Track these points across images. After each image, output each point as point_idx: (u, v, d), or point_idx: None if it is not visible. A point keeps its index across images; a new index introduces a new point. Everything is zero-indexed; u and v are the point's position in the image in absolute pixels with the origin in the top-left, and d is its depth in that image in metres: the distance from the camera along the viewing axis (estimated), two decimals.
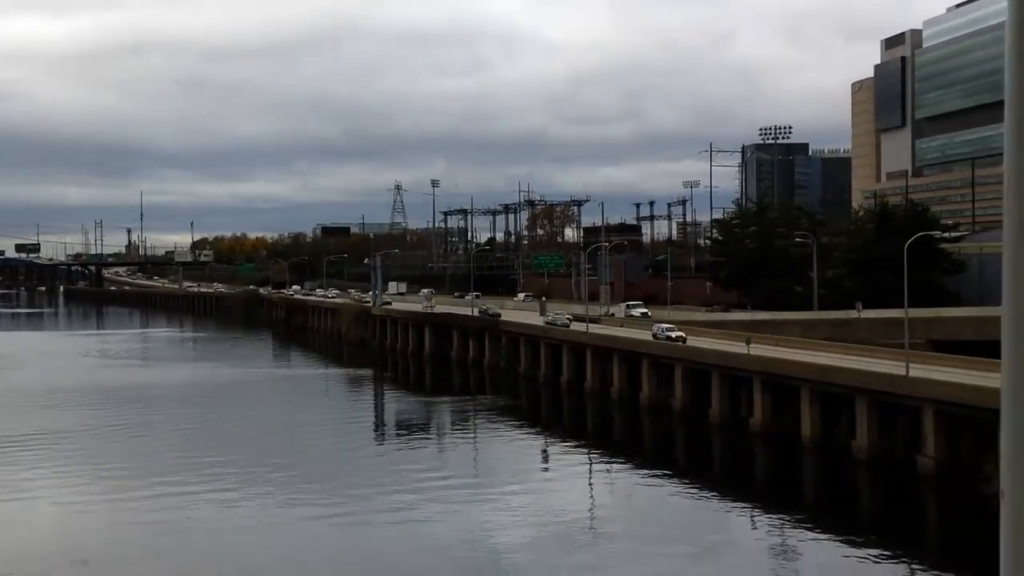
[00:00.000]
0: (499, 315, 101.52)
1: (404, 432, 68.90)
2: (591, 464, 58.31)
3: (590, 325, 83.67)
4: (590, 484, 53.37)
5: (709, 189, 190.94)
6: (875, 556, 37.86)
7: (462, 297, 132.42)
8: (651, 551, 38.18)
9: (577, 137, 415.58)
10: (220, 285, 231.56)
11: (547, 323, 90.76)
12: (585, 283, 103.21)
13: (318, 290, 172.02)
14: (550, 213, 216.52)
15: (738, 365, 63.07)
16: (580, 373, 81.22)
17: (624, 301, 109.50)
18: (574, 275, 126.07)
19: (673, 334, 73.02)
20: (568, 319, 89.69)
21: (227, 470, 51.96)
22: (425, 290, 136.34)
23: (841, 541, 40.18)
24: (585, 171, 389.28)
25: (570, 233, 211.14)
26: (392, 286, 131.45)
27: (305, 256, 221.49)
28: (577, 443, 64.12)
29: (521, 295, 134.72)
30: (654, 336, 74.77)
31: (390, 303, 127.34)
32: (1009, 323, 0.88)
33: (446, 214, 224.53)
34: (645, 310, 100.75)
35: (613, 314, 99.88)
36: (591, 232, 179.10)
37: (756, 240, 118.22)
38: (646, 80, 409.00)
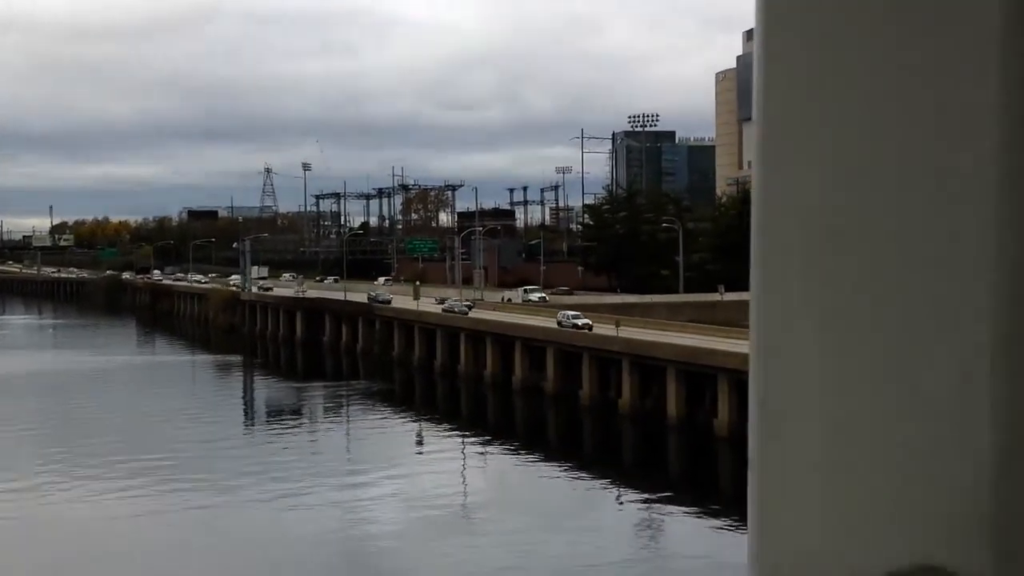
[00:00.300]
0: (390, 301, 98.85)
1: (274, 419, 67.96)
2: (464, 447, 58.85)
3: (474, 310, 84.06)
4: (463, 467, 53.90)
5: (581, 175, 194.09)
6: (734, 526, 39.62)
7: (322, 281, 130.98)
8: (521, 531, 38.90)
9: (450, 122, 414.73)
10: (80, 270, 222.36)
11: (444, 310, 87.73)
12: (459, 267, 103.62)
13: (190, 276, 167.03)
14: (424, 198, 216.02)
15: (608, 347, 64.61)
16: (454, 357, 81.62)
17: (498, 285, 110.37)
18: (448, 260, 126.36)
19: (579, 322, 71.21)
20: (467, 305, 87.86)
21: (88, 462, 50.28)
22: (287, 274, 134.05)
23: (703, 513, 41.84)
24: (459, 156, 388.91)
25: (444, 218, 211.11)
26: (253, 271, 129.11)
27: (171, 240, 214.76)
28: (451, 426, 64.55)
29: (381, 279, 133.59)
30: (559, 324, 73.40)
31: (271, 288, 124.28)
32: (754, 301, 0.89)
33: (318, 198, 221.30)
34: (543, 294, 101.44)
35: (510, 299, 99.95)
36: (465, 217, 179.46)
37: (625, 226, 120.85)
38: (519, 66, 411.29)
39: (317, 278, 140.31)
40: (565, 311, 77.33)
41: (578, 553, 36.49)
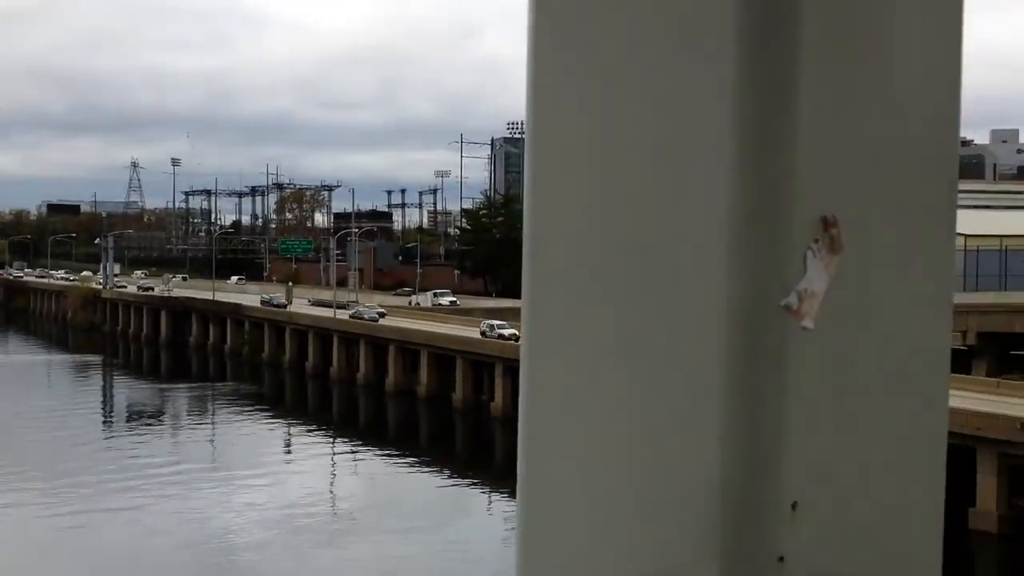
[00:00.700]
0: (285, 305, 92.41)
1: (136, 421, 65.12)
2: (335, 450, 57.63)
3: (339, 311, 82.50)
4: (333, 470, 52.72)
5: (460, 180, 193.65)
6: None
7: (185, 280, 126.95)
8: (390, 533, 38.20)
9: (328, 121, 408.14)
10: None
11: (352, 316, 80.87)
12: (334, 269, 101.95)
13: (52, 272, 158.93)
14: (300, 197, 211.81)
15: (480, 351, 64.39)
16: (326, 359, 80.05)
17: (374, 288, 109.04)
18: (323, 261, 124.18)
19: (506, 332, 65.13)
20: (379, 313, 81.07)
21: None
22: (138, 272, 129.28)
23: None
24: (336, 156, 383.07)
25: (320, 218, 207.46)
26: (116, 268, 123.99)
27: (28, 235, 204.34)
28: (322, 429, 63.20)
29: (234, 278, 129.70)
30: (483, 334, 67.73)
31: (153, 288, 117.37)
32: (525, 302, 0.94)
33: (187, 194, 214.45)
34: (453, 299, 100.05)
35: (419, 303, 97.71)
36: (341, 218, 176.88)
37: (502, 230, 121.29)
38: (399, 68, 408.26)
39: (181, 277, 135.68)
40: (490, 321, 69.75)
41: (447, 557, 36.01)
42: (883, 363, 1.10)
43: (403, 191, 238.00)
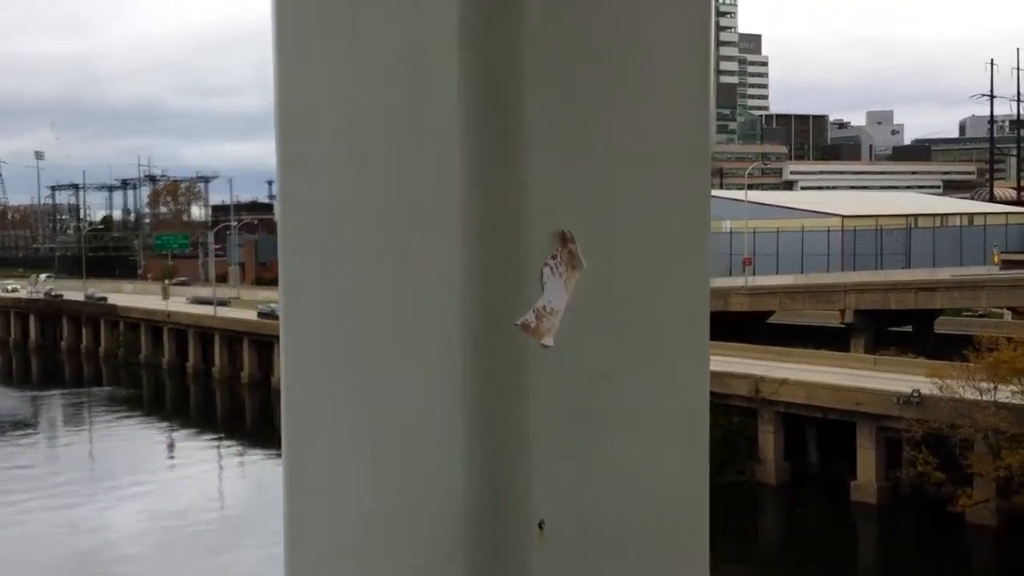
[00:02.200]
0: (105, 299, 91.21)
1: (7, 431, 61.77)
2: (220, 451, 55.78)
3: (219, 309, 79.99)
4: (220, 472, 51.01)
5: None
6: None
7: (50, 279, 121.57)
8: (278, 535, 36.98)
9: (202, 109, 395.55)
10: None
11: (260, 315, 74.88)
12: (212, 264, 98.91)
13: None
14: (174, 190, 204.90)
15: None
16: (207, 359, 77.57)
17: (256, 283, 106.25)
18: (201, 256, 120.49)
19: None
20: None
21: None
22: (43, 275, 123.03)
23: None
24: (213, 145, 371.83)
25: (197, 211, 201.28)
26: None
27: None
28: (206, 430, 61.14)
29: (43, 276, 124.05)
30: None
31: (19, 289, 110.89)
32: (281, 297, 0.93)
33: (54, 189, 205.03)
34: None
35: None
36: (220, 210, 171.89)
37: None
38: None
39: (46, 276, 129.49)
40: None
41: None
42: (637, 377, 1.10)
43: None
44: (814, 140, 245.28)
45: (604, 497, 1.06)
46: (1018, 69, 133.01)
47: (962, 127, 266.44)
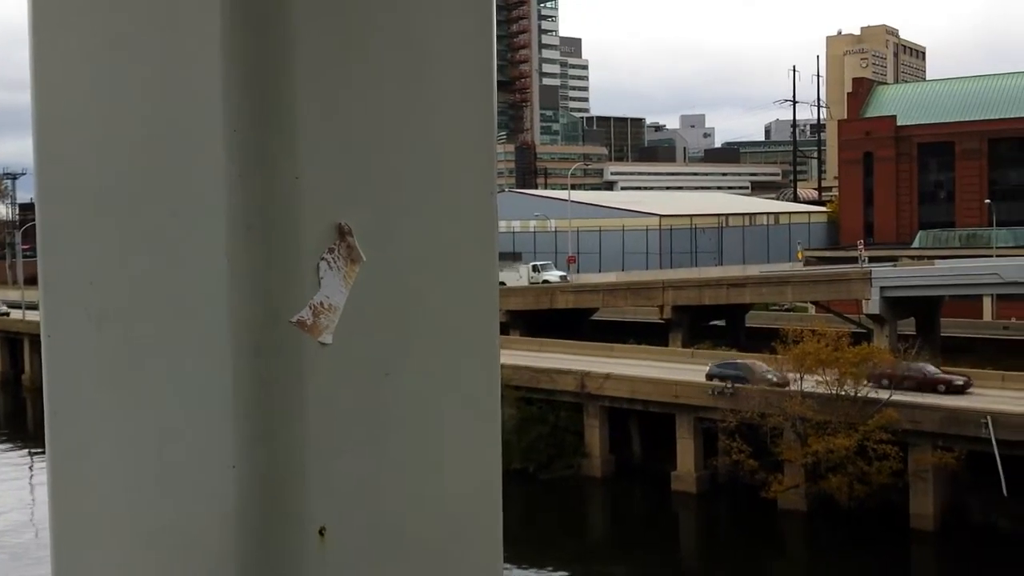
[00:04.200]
0: (8, 313, 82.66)
1: None
2: (32, 461, 52.71)
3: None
4: (30, 482, 48.21)
5: None
6: None
7: None
8: None
9: (9, 103, 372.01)
10: None
11: None
12: (20, 266, 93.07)
13: None
14: None
15: None
16: (17, 365, 73.10)
17: None
18: (8, 257, 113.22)
19: None
20: None
21: None
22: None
23: None
24: (18, 141, 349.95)
25: (3, 210, 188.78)
26: None
27: None
28: (15, 440, 57.59)
29: None
30: None
31: None
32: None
33: None
34: None
35: None
36: (29, 209, 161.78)
37: None
38: None
39: None
40: None
41: None
42: (423, 375, 1.07)
43: None
44: (632, 142, 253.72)
45: (391, 500, 1.05)
46: (818, 76, 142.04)
47: (767, 131, 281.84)
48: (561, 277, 76.17)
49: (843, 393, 39.86)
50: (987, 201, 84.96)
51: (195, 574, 0.97)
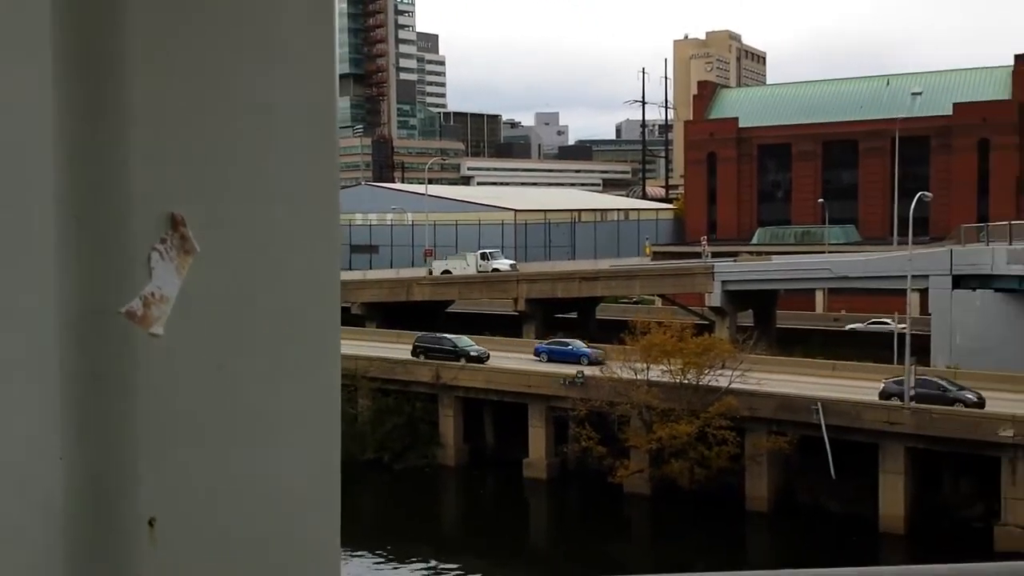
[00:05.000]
0: None
1: None
2: None
3: None
4: None
5: None
6: None
7: None
8: None
9: None
10: None
11: None
12: None
13: None
14: None
15: None
16: None
17: None
18: None
19: None
20: None
21: None
22: None
23: None
24: None
25: None
26: None
27: None
28: None
29: None
30: None
31: None
32: None
33: None
34: None
35: None
36: None
37: None
38: None
39: None
40: None
41: None
42: (258, 368, 1.05)
43: None
44: (488, 138, 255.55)
45: (224, 491, 1.03)
46: (665, 79, 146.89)
47: (618, 130, 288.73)
48: (511, 266, 76.54)
49: (686, 382, 41.57)
50: (820, 200, 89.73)
51: (22, 566, 0.94)
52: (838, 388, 41.97)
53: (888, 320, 68.57)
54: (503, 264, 75.81)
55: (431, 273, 75.41)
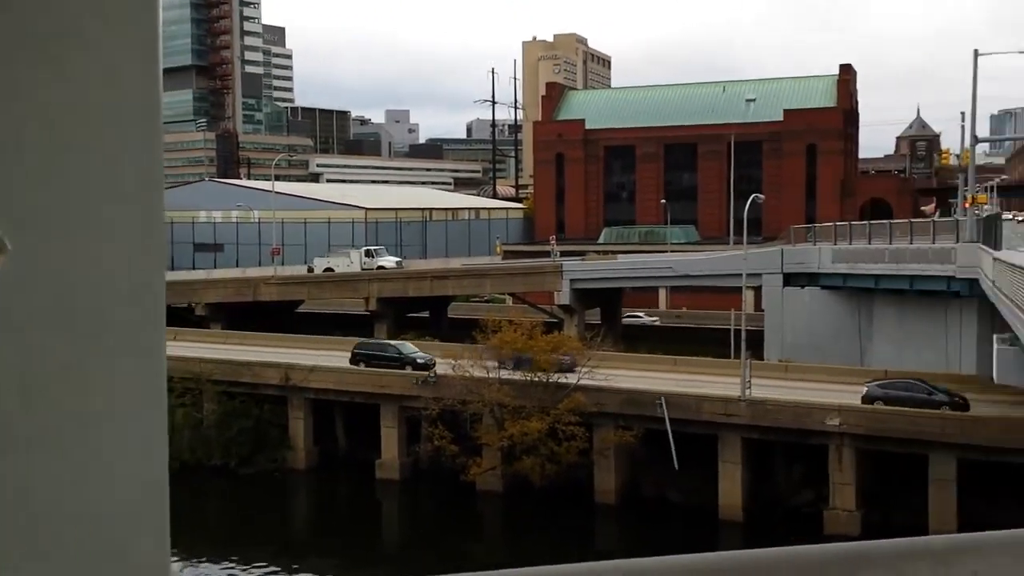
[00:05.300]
0: None
1: None
2: None
3: None
4: None
5: None
6: None
7: None
8: None
9: None
10: None
11: None
12: None
13: None
14: None
15: None
16: None
17: None
18: None
19: None
20: None
21: None
22: None
23: None
24: None
25: None
26: None
27: None
28: None
29: None
30: None
31: None
32: None
33: None
34: None
35: None
36: None
37: None
38: None
39: None
40: None
41: None
42: (74, 372, 1.02)
43: None
44: (338, 135, 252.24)
45: (46, 498, 1.00)
46: (515, 79, 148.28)
47: (469, 129, 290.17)
48: (397, 263, 75.25)
49: (537, 379, 42.38)
50: (663, 201, 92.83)
51: None
52: (681, 382, 43.64)
53: (640, 313, 71.75)
54: (388, 261, 75.02)
55: (311, 271, 73.98)
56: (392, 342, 49.89)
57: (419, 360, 47.03)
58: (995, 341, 27.78)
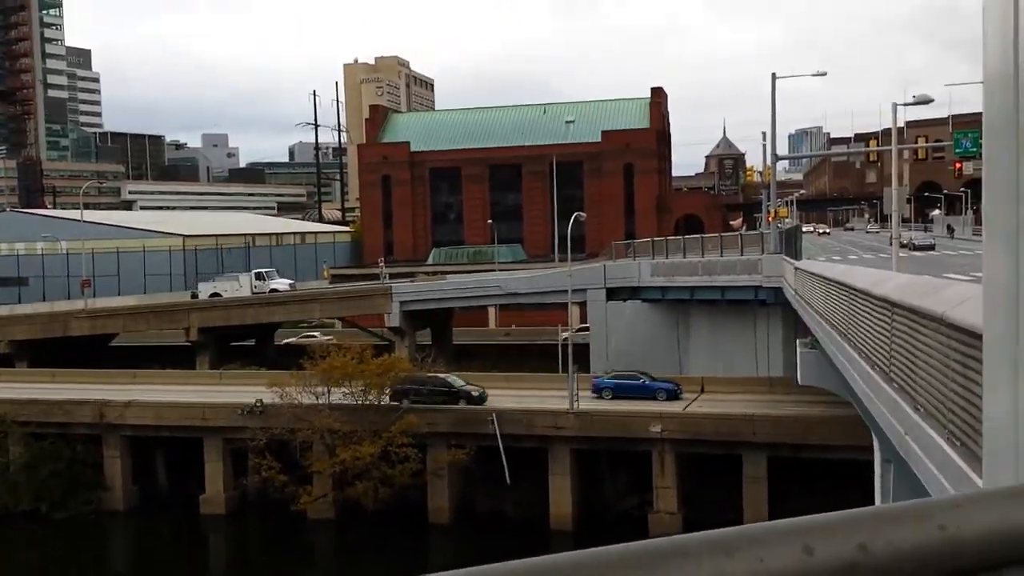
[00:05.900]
0: None
1: None
2: None
3: None
4: None
5: None
6: None
7: None
8: None
9: None
10: None
11: None
12: None
13: None
14: None
15: None
16: None
17: None
18: None
19: None
20: None
21: None
22: None
23: None
24: None
25: None
26: None
27: None
28: None
29: None
30: None
31: None
32: None
33: None
34: None
35: None
36: None
37: None
38: None
39: None
40: None
41: None
42: None
43: None
44: (152, 160, 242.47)
45: None
46: (337, 102, 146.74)
47: (292, 152, 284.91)
48: (290, 285, 71.86)
49: (368, 402, 41.83)
50: (490, 221, 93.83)
51: None
52: (512, 399, 44.05)
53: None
54: (281, 284, 72.13)
55: (195, 297, 70.51)
56: (440, 375, 45.39)
57: (473, 393, 43.48)
58: (798, 345, 29.29)
